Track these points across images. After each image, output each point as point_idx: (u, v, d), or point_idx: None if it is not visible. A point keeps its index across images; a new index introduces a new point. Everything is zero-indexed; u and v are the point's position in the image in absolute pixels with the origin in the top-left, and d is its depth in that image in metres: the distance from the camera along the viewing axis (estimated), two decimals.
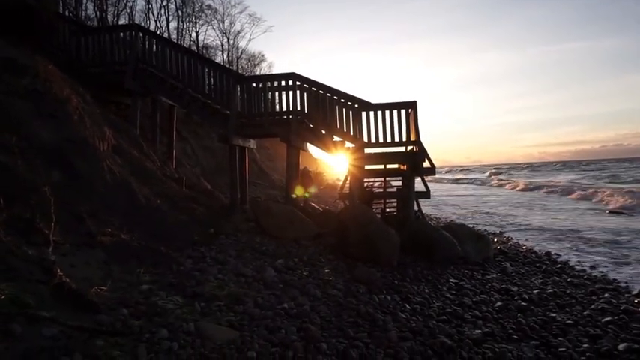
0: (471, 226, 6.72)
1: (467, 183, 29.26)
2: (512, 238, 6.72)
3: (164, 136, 7.37)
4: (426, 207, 12.85)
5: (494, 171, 42.12)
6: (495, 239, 6.39)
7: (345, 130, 5.78)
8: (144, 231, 3.66)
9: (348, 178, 5.96)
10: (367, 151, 5.67)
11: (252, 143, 7.17)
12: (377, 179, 6.38)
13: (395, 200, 6.03)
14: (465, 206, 12.72)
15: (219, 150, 9.84)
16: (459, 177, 39.14)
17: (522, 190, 19.87)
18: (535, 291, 3.64)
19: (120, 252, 3.16)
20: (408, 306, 3.13)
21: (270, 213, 5.07)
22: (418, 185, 5.70)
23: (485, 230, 7.43)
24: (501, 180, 27.63)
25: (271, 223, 4.97)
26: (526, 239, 6.66)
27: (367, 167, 5.85)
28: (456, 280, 3.94)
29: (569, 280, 4.09)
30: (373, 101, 5.73)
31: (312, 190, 8.93)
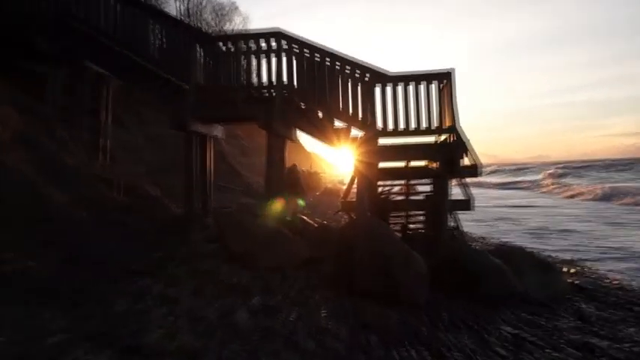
0: (532, 250, 6.56)
1: (523, 188, 29.36)
2: (593, 269, 6.44)
3: (92, 120, 7.33)
4: (467, 222, 12.66)
5: (559, 170, 41.78)
6: (568, 270, 6.14)
7: (350, 113, 5.87)
8: (59, 255, 3.60)
9: (355, 181, 6.00)
10: (382, 141, 5.75)
11: (218, 130, 7.25)
12: (396, 182, 6.42)
13: (422, 212, 6.08)
14: (523, 221, 12.51)
15: (172, 140, 9.77)
16: (511, 179, 39.38)
17: (602, 198, 19.89)
18: (632, 348, 3.50)
19: (23, 286, 3.10)
20: None
21: (243, 230, 5.11)
22: (455, 191, 5.74)
23: (554, 256, 7.21)
24: (562, 184, 27.70)
25: (244, 245, 5.01)
26: (614, 270, 6.38)
27: (382, 165, 5.89)
28: (512, 329, 3.81)
29: None
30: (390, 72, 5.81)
31: (302, 201, 8.98)
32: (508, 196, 23.20)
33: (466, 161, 5.52)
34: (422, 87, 5.63)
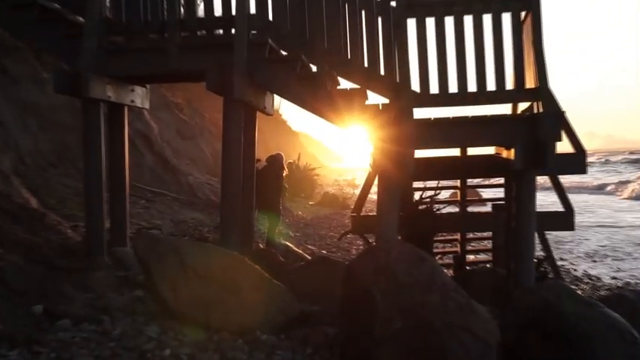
0: None
1: None
2: None
3: None
4: (561, 249, 12.69)
5: None
6: None
7: (366, 65, 5.94)
8: None
9: (375, 182, 6.04)
10: (419, 114, 5.80)
11: (139, 96, 7.27)
12: (444, 184, 6.60)
13: (488, 235, 6.31)
14: None
15: (61, 114, 9.80)
16: (630, 174, 39.67)
17: None
18: None
19: None
20: None
21: (185, 267, 5.13)
22: (544, 198, 5.70)
23: None
24: None
25: (187, 292, 5.04)
26: None
27: (420, 154, 5.95)
28: None
29: None
30: None
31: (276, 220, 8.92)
32: (627, 206, 23.33)
33: (563, 146, 5.60)
34: (488, 19, 5.61)
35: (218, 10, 6.29)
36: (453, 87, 5.68)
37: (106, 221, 6.67)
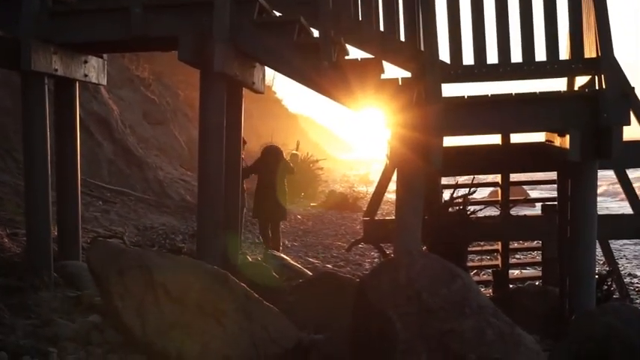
0: None
1: None
2: None
3: None
4: (630, 261, 12.70)
5: None
6: None
7: (382, 29, 5.98)
8: None
9: (393, 178, 6.11)
10: (451, 91, 5.87)
11: (94, 69, 7.31)
12: (478, 180, 6.70)
13: (537, 244, 6.36)
14: None
15: None
16: None
17: None
18: None
19: None
20: None
21: (153, 286, 5.16)
22: (605, 199, 5.74)
23: None
24: None
25: (156, 317, 5.04)
26: None
27: (450, 143, 6.04)
28: None
29: None
30: None
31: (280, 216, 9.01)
32: None
33: (633, 131, 5.63)
34: None
35: None
36: (492, 57, 5.70)
37: (53, 228, 6.67)
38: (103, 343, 5.02)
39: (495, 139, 6.16)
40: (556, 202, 6.19)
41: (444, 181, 6.25)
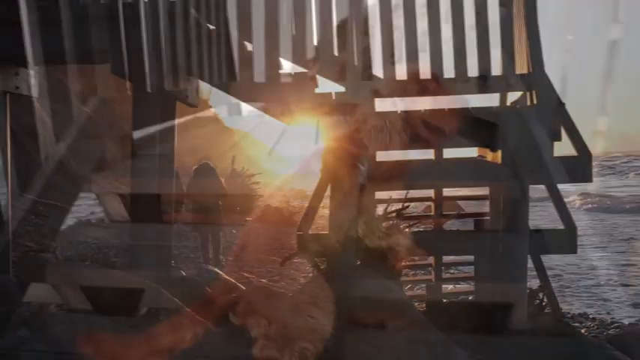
0: None
1: None
2: None
3: None
4: (561, 276, 13.04)
5: None
6: None
7: (314, 42, 6.02)
8: None
9: (327, 191, 6.11)
10: (382, 105, 5.83)
11: (23, 81, 7.42)
12: (413, 195, 6.54)
13: (470, 258, 6.35)
14: None
15: None
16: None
17: None
18: None
19: None
20: None
21: (100, 295, 5.46)
22: (539, 211, 5.80)
23: None
24: None
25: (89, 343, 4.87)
26: None
27: (383, 157, 5.97)
28: None
29: None
30: None
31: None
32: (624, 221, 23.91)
33: (565, 147, 5.71)
34: None
35: None
36: (425, 72, 5.73)
37: None
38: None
39: (429, 154, 6.17)
40: (488, 217, 6.26)
41: (378, 195, 6.24)
